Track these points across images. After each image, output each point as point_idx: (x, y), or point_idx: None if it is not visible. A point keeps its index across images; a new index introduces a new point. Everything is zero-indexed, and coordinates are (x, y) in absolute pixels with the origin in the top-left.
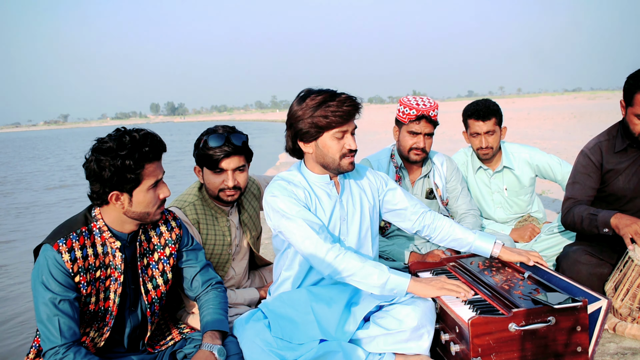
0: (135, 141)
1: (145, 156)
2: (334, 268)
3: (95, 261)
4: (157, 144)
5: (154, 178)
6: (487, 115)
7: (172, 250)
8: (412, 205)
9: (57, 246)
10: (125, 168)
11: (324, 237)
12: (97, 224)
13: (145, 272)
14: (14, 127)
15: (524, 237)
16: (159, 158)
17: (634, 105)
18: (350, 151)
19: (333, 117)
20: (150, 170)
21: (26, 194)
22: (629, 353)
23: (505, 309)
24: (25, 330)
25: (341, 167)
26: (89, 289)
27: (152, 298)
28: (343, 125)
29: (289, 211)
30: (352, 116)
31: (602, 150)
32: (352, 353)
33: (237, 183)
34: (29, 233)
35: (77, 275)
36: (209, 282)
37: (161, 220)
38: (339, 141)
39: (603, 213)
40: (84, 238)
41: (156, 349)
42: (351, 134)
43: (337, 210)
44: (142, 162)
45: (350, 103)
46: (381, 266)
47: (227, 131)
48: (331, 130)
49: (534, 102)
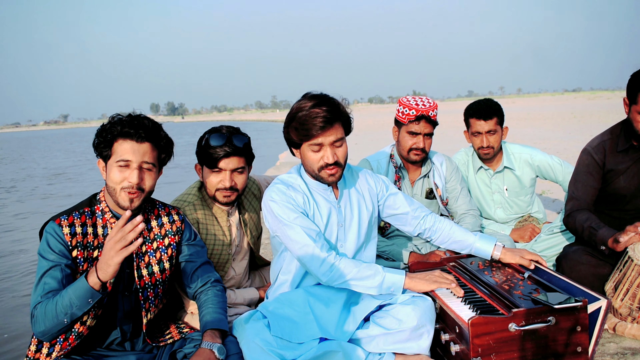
0: (120, 118)
1: (120, 131)
2: (330, 275)
3: (94, 240)
4: (138, 126)
5: (125, 156)
6: (489, 114)
7: (171, 240)
8: (413, 209)
9: (59, 220)
10: (101, 134)
11: (320, 245)
12: (100, 205)
13: (142, 258)
14: (14, 127)
15: (524, 237)
16: (139, 140)
17: (638, 103)
18: (327, 165)
19: (302, 130)
20: (124, 147)
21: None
22: (629, 353)
23: (505, 309)
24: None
25: (322, 179)
26: (85, 266)
27: (146, 283)
28: (316, 137)
29: (287, 217)
30: (323, 130)
31: (606, 149)
32: (352, 353)
33: (234, 184)
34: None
35: (74, 249)
36: (207, 279)
37: (163, 212)
38: (315, 153)
39: (602, 231)
40: (85, 217)
41: (154, 343)
42: (332, 145)
43: (334, 216)
44: (116, 136)
45: (323, 117)
46: (375, 267)
47: (229, 132)
48: (306, 142)
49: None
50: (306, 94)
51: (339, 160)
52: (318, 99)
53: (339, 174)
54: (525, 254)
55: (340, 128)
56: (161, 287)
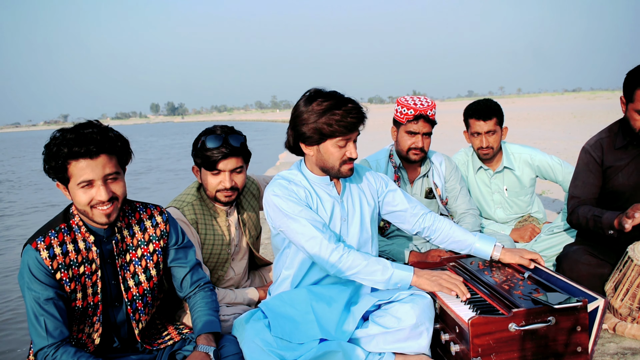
0: (64, 138)
1: (69, 153)
2: (338, 267)
3: (77, 257)
4: (87, 141)
5: (84, 177)
6: (488, 114)
7: (156, 246)
8: (411, 207)
9: (36, 244)
10: (49, 160)
11: (328, 237)
12: (75, 219)
13: (126, 268)
14: (14, 127)
15: (524, 237)
16: (92, 156)
17: (634, 101)
18: (350, 159)
19: (337, 127)
20: (80, 167)
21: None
22: (629, 353)
23: (505, 309)
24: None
25: (340, 173)
26: (72, 285)
27: (134, 295)
28: (347, 134)
29: (292, 211)
30: (356, 127)
31: (603, 147)
32: (352, 353)
33: (235, 184)
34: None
35: (57, 272)
36: (197, 283)
37: (145, 215)
38: (340, 149)
39: (607, 215)
40: (63, 235)
41: (154, 347)
42: (353, 142)
43: (337, 211)
44: (66, 158)
45: (355, 114)
46: (384, 262)
47: (225, 132)
48: (334, 138)
49: (534, 102)
50: (320, 90)
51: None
52: (342, 98)
53: (353, 168)
54: (525, 253)
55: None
56: (150, 295)
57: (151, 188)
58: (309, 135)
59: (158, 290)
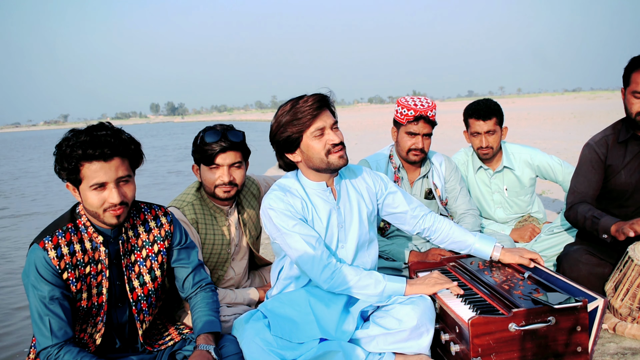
0: (78, 140)
1: (83, 155)
2: (330, 284)
3: (84, 257)
4: (101, 144)
5: (98, 179)
6: (488, 114)
7: (160, 247)
8: (412, 208)
9: (43, 244)
10: (62, 161)
11: (320, 252)
12: (82, 219)
13: (132, 269)
14: (14, 127)
15: (524, 237)
16: (106, 159)
17: (630, 83)
18: (334, 145)
19: (300, 117)
20: (93, 170)
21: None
22: (629, 353)
23: (505, 309)
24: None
25: (331, 165)
26: (78, 285)
27: (138, 295)
28: (316, 120)
29: (286, 226)
30: (321, 109)
31: (609, 144)
32: (352, 353)
33: (233, 179)
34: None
35: (64, 272)
36: (199, 283)
37: (150, 216)
38: (319, 139)
39: (605, 219)
40: (70, 234)
41: (155, 348)
42: (331, 128)
43: (334, 218)
44: (80, 160)
45: (312, 100)
46: (377, 275)
47: (224, 128)
48: (307, 129)
49: (534, 102)
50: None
51: (342, 141)
52: (295, 98)
53: (346, 155)
54: (525, 252)
55: (330, 113)
56: (154, 296)
57: (150, 188)
58: (287, 142)
59: (161, 290)
